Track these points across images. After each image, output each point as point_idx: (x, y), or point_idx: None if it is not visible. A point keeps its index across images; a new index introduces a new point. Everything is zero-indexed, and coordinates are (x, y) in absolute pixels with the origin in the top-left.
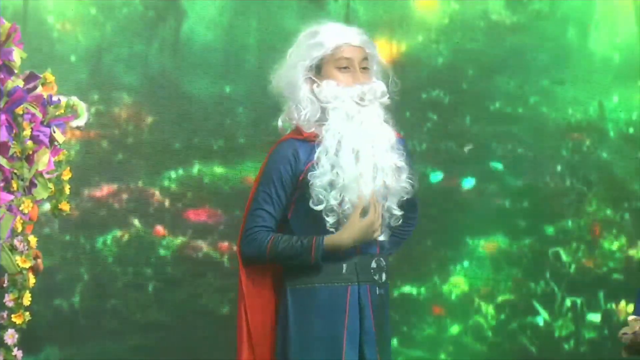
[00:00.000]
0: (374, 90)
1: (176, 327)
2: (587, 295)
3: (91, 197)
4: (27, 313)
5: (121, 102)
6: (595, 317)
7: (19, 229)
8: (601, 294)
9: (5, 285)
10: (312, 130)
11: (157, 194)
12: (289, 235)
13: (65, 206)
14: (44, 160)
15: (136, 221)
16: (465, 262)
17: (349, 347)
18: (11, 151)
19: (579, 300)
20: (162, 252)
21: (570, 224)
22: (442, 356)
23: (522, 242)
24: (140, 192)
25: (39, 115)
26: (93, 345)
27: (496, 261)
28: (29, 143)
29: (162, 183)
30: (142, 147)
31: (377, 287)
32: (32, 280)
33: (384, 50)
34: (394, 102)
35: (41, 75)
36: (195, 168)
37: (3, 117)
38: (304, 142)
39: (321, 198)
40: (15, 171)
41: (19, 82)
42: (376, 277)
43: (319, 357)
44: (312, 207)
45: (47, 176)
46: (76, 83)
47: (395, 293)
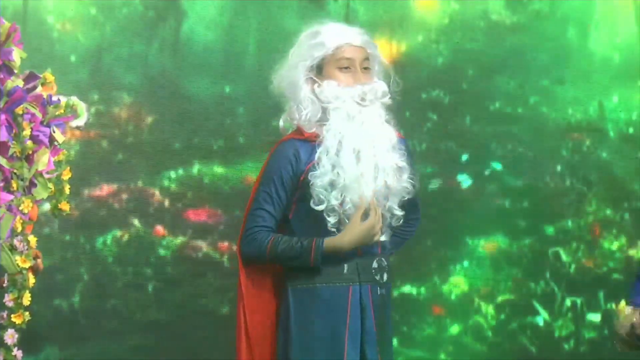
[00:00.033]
0: (375, 90)
1: (176, 327)
2: (587, 295)
3: (91, 197)
4: (27, 313)
5: (121, 102)
6: (595, 317)
7: (19, 228)
8: (601, 294)
9: (5, 285)
10: (313, 131)
11: (157, 194)
12: (289, 236)
13: (65, 206)
14: (43, 160)
15: (136, 221)
16: (465, 262)
17: (350, 347)
18: (11, 151)
19: (579, 300)
20: (162, 252)
21: (570, 224)
22: (442, 356)
23: (522, 242)
24: (140, 192)
25: (39, 115)
26: (93, 345)
27: (496, 261)
28: (29, 143)
29: (162, 183)
30: (142, 147)
31: (378, 287)
32: (32, 280)
33: (384, 50)
34: (394, 102)
35: (41, 75)
36: (195, 168)
37: (3, 117)
38: (305, 142)
39: (322, 198)
40: (15, 171)
41: (19, 82)
42: (377, 277)
43: (320, 357)
44: (313, 207)
45: (47, 176)
46: (76, 83)
47: (395, 293)
